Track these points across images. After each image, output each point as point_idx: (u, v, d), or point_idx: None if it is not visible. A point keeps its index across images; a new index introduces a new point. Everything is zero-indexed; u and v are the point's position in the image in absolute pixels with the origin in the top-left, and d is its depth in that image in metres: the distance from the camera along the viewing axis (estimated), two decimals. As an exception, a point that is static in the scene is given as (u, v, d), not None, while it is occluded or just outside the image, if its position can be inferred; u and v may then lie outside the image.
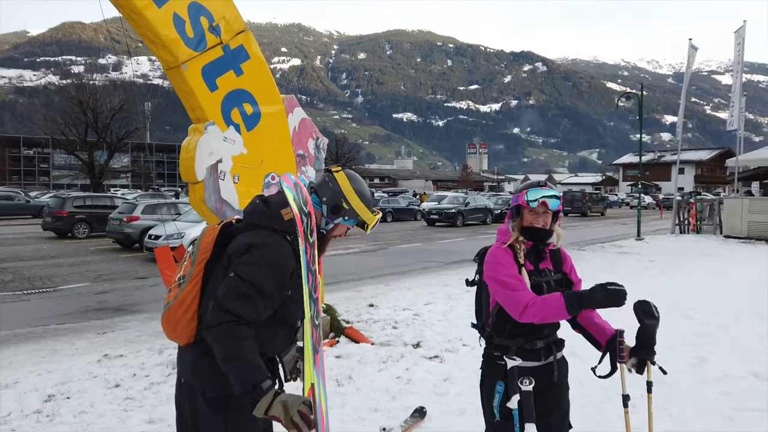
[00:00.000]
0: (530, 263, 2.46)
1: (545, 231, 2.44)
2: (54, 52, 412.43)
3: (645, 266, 12.59)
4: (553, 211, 2.45)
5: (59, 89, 60.62)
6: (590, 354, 2.62)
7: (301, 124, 6.71)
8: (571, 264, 2.61)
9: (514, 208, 2.53)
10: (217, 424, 2.00)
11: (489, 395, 2.45)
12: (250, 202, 2.19)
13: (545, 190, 2.43)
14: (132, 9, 5.06)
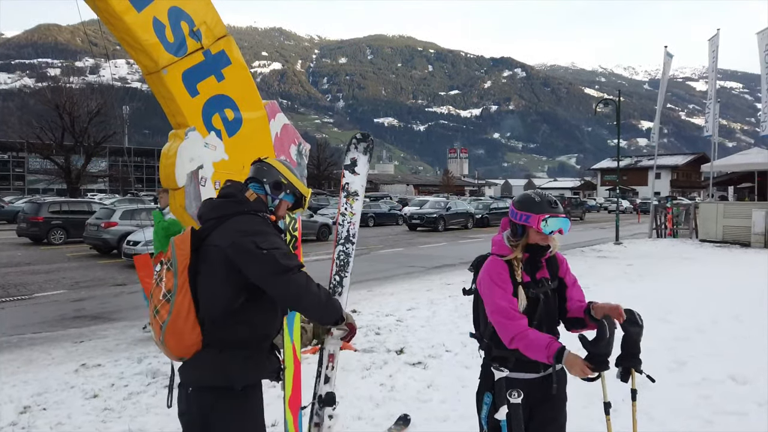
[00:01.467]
0: (527, 274, 2.43)
1: (546, 246, 2.44)
2: (29, 55, 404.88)
3: (624, 270, 12.76)
4: None
5: (35, 92, 59.55)
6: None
7: (283, 129, 6.68)
8: (566, 268, 2.59)
9: (519, 226, 2.42)
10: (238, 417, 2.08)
11: (479, 406, 2.45)
12: (203, 203, 2.35)
13: (563, 219, 2.36)
14: (111, 13, 4.99)
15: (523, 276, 2.41)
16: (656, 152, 25.97)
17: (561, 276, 2.54)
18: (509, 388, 2.33)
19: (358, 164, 2.71)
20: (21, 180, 75.09)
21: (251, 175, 2.48)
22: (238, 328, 2.09)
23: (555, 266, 2.53)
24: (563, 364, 2.23)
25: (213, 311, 2.06)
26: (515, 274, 2.39)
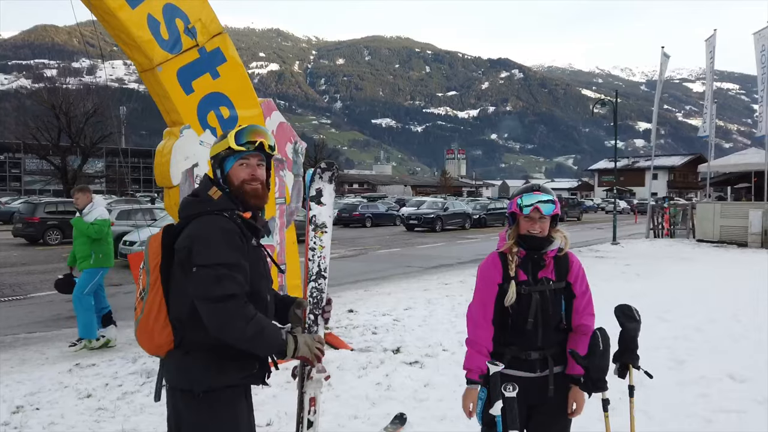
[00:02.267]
0: (525, 272, 2.38)
1: (542, 238, 2.36)
2: (26, 56, 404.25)
3: (621, 270, 12.75)
4: (552, 216, 2.37)
5: (31, 93, 59.38)
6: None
7: (279, 128, 6.64)
8: (578, 273, 2.45)
9: (510, 215, 2.45)
10: (201, 422, 2.00)
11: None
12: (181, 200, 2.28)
13: (538, 194, 2.34)
14: (105, 10, 4.96)
15: (520, 273, 2.36)
16: (653, 153, 26.01)
17: (570, 281, 2.44)
18: (503, 382, 2.29)
19: (324, 194, 2.56)
20: (17, 181, 74.88)
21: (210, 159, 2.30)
22: (203, 332, 1.95)
23: (564, 267, 2.43)
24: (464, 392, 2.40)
25: (180, 312, 1.99)
26: (509, 268, 2.36)
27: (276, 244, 6.39)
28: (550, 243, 2.38)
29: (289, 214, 6.75)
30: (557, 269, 2.41)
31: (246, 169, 2.10)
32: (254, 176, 2.09)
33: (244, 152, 2.08)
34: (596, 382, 2.14)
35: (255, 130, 2.11)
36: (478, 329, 2.39)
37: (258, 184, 2.10)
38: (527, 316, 2.34)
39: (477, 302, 2.43)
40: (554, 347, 2.41)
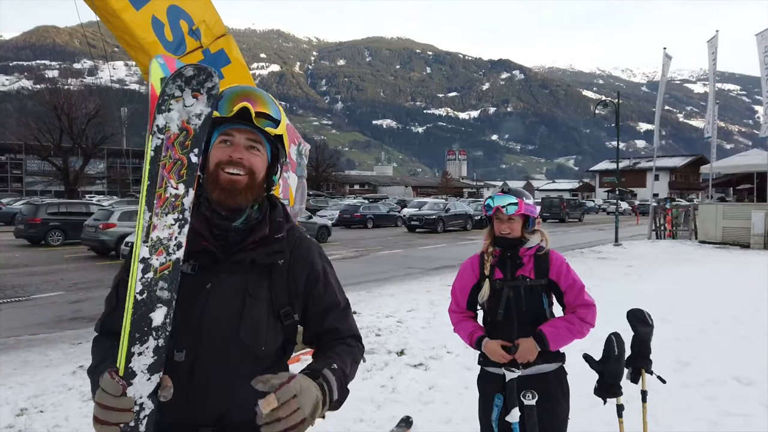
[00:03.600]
0: (502, 271, 2.47)
1: (514, 239, 2.45)
2: (27, 57, 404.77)
3: (623, 271, 12.72)
4: (525, 217, 2.44)
5: (33, 94, 59.51)
6: (576, 360, 2.59)
7: (283, 129, 6.62)
8: (560, 269, 2.48)
9: (486, 217, 2.59)
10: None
11: (485, 408, 2.39)
12: None
13: (500, 196, 2.46)
14: (108, 11, 4.94)
15: (496, 271, 2.46)
16: (655, 154, 25.98)
17: (552, 278, 2.46)
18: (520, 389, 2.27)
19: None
20: (19, 182, 74.92)
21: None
22: None
23: (544, 265, 2.47)
24: (483, 350, 2.41)
25: None
26: (484, 267, 2.48)
27: (279, 246, 6.37)
28: (523, 243, 2.45)
29: (293, 215, 6.73)
30: (537, 267, 2.46)
31: (226, 148, 1.41)
32: (233, 159, 1.40)
33: (226, 124, 1.42)
34: (610, 387, 2.13)
35: (240, 92, 1.44)
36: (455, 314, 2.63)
37: (240, 173, 1.40)
38: (496, 309, 2.44)
39: (451, 297, 2.66)
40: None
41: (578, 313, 2.38)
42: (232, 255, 1.41)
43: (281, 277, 1.45)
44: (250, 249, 1.42)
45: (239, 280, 1.40)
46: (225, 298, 1.38)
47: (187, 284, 1.35)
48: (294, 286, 1.47)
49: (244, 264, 1.41)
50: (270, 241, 1.45)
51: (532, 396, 2.26)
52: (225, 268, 1.40)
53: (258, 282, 1.42)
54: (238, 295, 1.39)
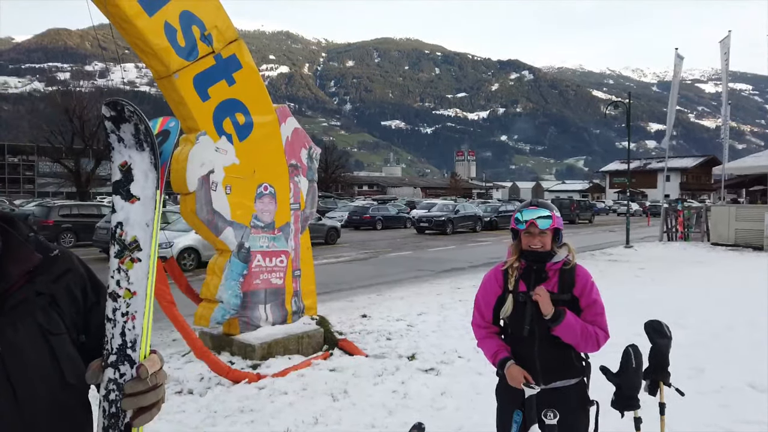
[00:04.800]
0: (526, 284, 2.41)
1: (544, 253, 2.39)
2: (39, 59, 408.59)
3: (635, 274, 12.63)
4: (554, 230, 2.40)
5: (45, 96, 60.04)
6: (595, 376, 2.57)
7: (294, 133, 6.65)
8: (584, 286, 2.42)
9: (511, 230, 2.52)
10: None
11: (504, 422, 2.37)
12: None
13: (533, 210, 2.39)
14: (122, 17, 4.99)
15: (521, 284, 2.41)
16: (667, 155, 25.79)
17: (576, 294, 2.41)
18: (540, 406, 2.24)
19: (136, 176, 1.18)
20: (31, 183, 75.68)
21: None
22: None
23: (569, 280, 2.42)
24: (505, 372, 2.36)
25: None
26: (508, 282, 2.43)
27: (291, 250, 6.40)
28: (552, 257, 2.40)
29: (304, 219, 6.75)
30: (561, 282, 2.41)
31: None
32: None
33: None
34: (628, 399, 2.10)
35: None
36: (480, 328, 2.56)
37: None
38: (523, 324, 2.38)
39: (475, 309, 2.59)
40: (553, 361, 2.39)
41: (595, 330, 2.36)
42: (5, 301, 1.10)
43: (63, 298, 1.20)
44: (25, 284, 1.13)
45: (29, 323, 1.12)
46: (27, 354, 1.10)
47: None
48: (73, 302, 1.23)
49: (27, 303, 1.12)
50: (48, 264, 1.18)
51: (554, 415, 2.23)
52: (5, 320, 1.09)
53: (48, 315, 1.16)
54: (39, 339, 1.12)
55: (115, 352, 1.14)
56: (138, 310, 1.15)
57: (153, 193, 1.17)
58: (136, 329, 1.15)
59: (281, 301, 6.29)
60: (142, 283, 1.16)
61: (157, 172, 1.18)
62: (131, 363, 1.13)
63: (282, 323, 6.27)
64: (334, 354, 6.11)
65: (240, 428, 4.16)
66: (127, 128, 1.15)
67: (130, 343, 1.14)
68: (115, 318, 1.15)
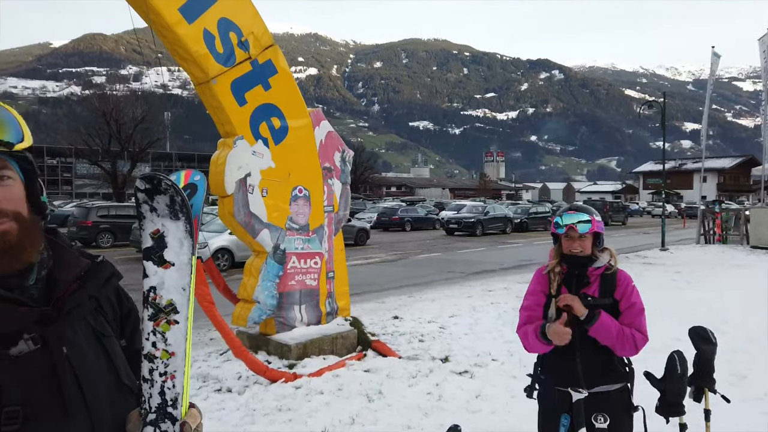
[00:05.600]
0: (568, 289, 2.43)
1: (585, 257, 2.40)
2: (76, 63, 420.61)
3: (671, 277, 12.37)
4: (594, 234, 2.40)
5: (82, 100, 61.77)
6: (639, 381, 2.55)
7: (328, 137, 6.73)
8: (625, 290, 2.42)
9: (552, 234, 2.54)
10: None
11: (550, 427, 2.38)
12: None
13: (573, 214, 2.40)
14: (163, 25, 5.13)
15: (562, 289, 2.41)
16: (704, 155, 25.17)
17: (617, 297, 2.41)
18: (590, 410, 2.25)
19: (170, 242, 1.20)
20: (69, 185, 77.95)
21: None
22: None
23: (611, 284, 2.42)
24: (548, 335, 2.33)
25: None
26: (551, 285, 2.43)
27: (324, 252, 6.48)
28: (593, 261, 2.41)
29: (337, 222, 6.82)
30: (602, 286, 2.41)
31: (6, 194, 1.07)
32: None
33: None
34: (672, 405, 2.10)
35: None
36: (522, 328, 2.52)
37: (5, 221, 1.06)
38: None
39: (523, 309, 2.56)
40: (595, 365, 2.38)
41: (632, 332, 2.34)
42: (62, 307, 1.12)
43: (106, 304, 1.26)
44: (78, 288, 1.16)
45: (84, 326, 1.17)
46: (87, 354, 1.14)
47: (39, 363, 1.06)
48: (112, 309, 1.30)
49: (81, 308, 1.16)
50: (95, 268, 1.22)
51: (604, 419, 2.24)
52: (64, 322, 1.12)
53: (97, 318, 1.22)
54: (94, 341, 1.17)
55: (154, 411, 1.15)
56: (177, 370, 1.16)
57: (189, 259, 1.18)
58: (177, 388, 1.16)
59: (316, 302, 6.37)
60: (180, 344, 1.17)
61: (193, 239, 1.19)
62: (173, 420, 1.15)
63: (316, 324, 6.35)
64: (368, 355, 6.16)
65: (279, 427, 4.24)
66: (161, 199, 1.17)
67: (170, 401, 1.16)
68: (153, 378, 1.16)
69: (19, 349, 1.03)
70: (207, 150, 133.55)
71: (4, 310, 1.02)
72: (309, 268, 6.30)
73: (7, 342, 1.02)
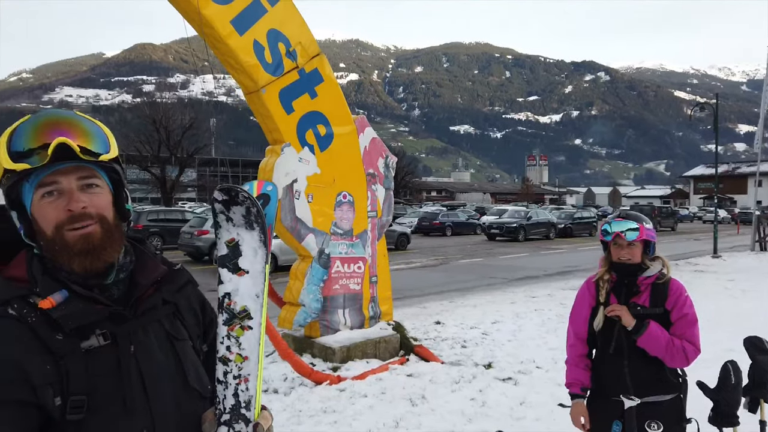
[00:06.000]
0: (617, 298, 2.41)
1: (634, 265, 2.38)
2: (127, 72, 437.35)
3: (724, 286, 11.95)
4: (644, 242, 2.38)
5: (133, 107, 64.17)
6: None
7: (372, 143, 6.82)
8: (677, 300, 2.38)
9: (601, 242, 2.54)
10: None
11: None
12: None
13: (621, 222, 2.38)
14: (216, 38, 5.34)
15: (612, 298, 2.40)
16: (759, 158, 24.15)
17: (668, 308, 2.37)
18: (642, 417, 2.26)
19: (245, 250, 1.23)
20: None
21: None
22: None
23: (662, 294, 2.38)
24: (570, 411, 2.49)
25: None
26: (599, 294, 2.43)
27: (368, 257, 6.57)
28: (643, 270, 2.38)
29: (381, 227, 6.91)
30: (653, 296, 2.38)
31: (56, 202, 1.12)
32: (75, 213, 1.12)
33: (40, 170, 1.10)
34: (726, 416, 2.07)
35: (44, 123, 1.12)
36: (571, 348, 2.55)
37: (89, 223, 1.13)
38: (610, 341, 2.39)
39: (570, 324, 2.60)
40: (645, 375, 2.35)
41: (683, 344, 2.31)
42: (137, 307, 1.20)
43: (185, 309, 1.33)
44: (153, 292, 1.24)
45: (157, 327, 1.23)
46: (156, 354, 1.20)
47: (106, 358, 1.13)
48: (193, 314, 1.35)
49: (155, 310, 1.24)
50: (172, 275, 1.31)
51: (658, 426, 2.23)
52: (136, 323, 1.19)
53: (172, 322, 1.28)
54: (165, 343, 1.23)
55: (228, 412, 1.20)
56: (251, 374, 1.20)
57: (262, 267, 1.23)
58: (250, 390, 1.20)
59: (359, 306, 6.46)
60: (254, 349, 1.21)
61: (266, 249, 1.24)
62: (246, 421, 1.19)
63: (359, 328, 6.44)
64: (410, 360, 6.20)
65: (324, 428, 4.33)
66: (237, 210, 1.21)
67: (244, 403, 1.20)
68: (227, 380, 1.21)
69: (89, 343, 1.11)
70: (250, 155, 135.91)
71: (81, 307, 1.11)
72: (353, 272, 6.39)
73: (81, 336, 1.11)
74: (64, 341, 1.09)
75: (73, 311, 1.10)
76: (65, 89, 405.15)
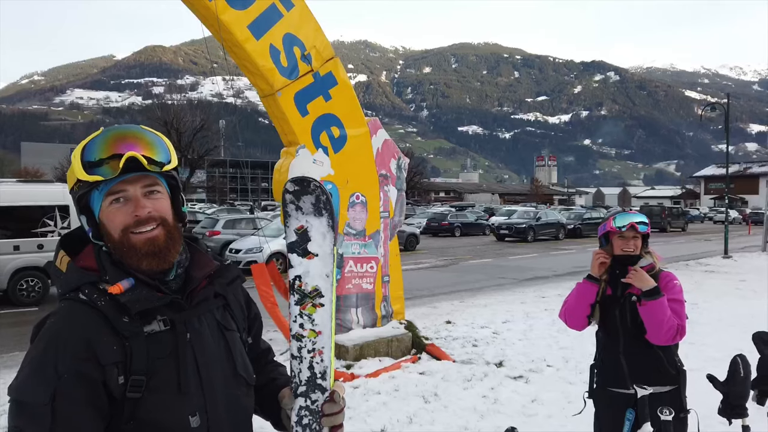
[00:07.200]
0: (613, 289, 2.58)
1: (633, 256, 2.55)
2: (137, 74, 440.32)
3: (735, 286, 11.95)
4: (643, 235, 2.55)
5: (143, 109, 64.64)
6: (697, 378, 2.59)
7: (384, 145, 6.93)
8: (667, 285, 2.53)
9: (602, 236, 2.66)
10: None
11: (613, 424, 2.47)
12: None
13: (630, 214, 2.56)
14: (233, 42, 5.46)
15: (608, 289, 2.59)
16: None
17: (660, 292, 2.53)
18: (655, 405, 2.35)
19: (314, 237, 1.33)
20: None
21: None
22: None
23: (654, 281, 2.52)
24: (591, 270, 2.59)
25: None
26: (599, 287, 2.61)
27: (380, 257, 6.67)
28: (638, 260, 2.55)
29: (393, 227, 7.01)
30: None
31: (124, 207, 1.24)
32: (141, 218, 1.24)
33: (109, 180, 1.22)
34: (735, 408, 2.16)
35: (116, 135, 1.24)
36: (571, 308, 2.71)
37: (154, 228, 1.25)
38: (608, 329, 2.57)
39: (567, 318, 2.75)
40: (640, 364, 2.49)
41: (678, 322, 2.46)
42: (193, 296, 1.32)
43: (234, 303, 1.42)
44: (207, 284, 1.35)
45: (210, 318, 1.34)
46: (208, 341, 1.30)
47: (165, 342, 1.23)
48: (240, 309, 1.45)
49: (208, 302, 1.34)
50: (223, 270, 1.40)
51: (669, 412, 2.34)
52: (192, 312, 1.29)
53: (223, 314, 1.38)
54: (216, 332, 1.34)
55: (304, 384, 1.31)
56: (325, 346, 1.32)
57: (331, 250, 1.33)
58: (325, 362, 1.32)
59: (371, 306, 6.56)
60: (326, 324, 1.32)
61: (334, 233, 1.34)
62: (322, 391, 1.31)
63: (372, 327, 6.54)
64: (422, 358, 6.30)
65: (340, 424, 4.43)
66: (307, 199, 1.31)
67: (319, 374, 1.31)
68: (302, 355, 1.32)
69: (151, 327, 1.23)
70: (259, 156, 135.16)
71: (146, 293, 1.23)
72: (365, 272, 6.50)
73: (144, 320, 1.22)
74: (130, 324, 1.20)
75: (139, 296, 1.21)
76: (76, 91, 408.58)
